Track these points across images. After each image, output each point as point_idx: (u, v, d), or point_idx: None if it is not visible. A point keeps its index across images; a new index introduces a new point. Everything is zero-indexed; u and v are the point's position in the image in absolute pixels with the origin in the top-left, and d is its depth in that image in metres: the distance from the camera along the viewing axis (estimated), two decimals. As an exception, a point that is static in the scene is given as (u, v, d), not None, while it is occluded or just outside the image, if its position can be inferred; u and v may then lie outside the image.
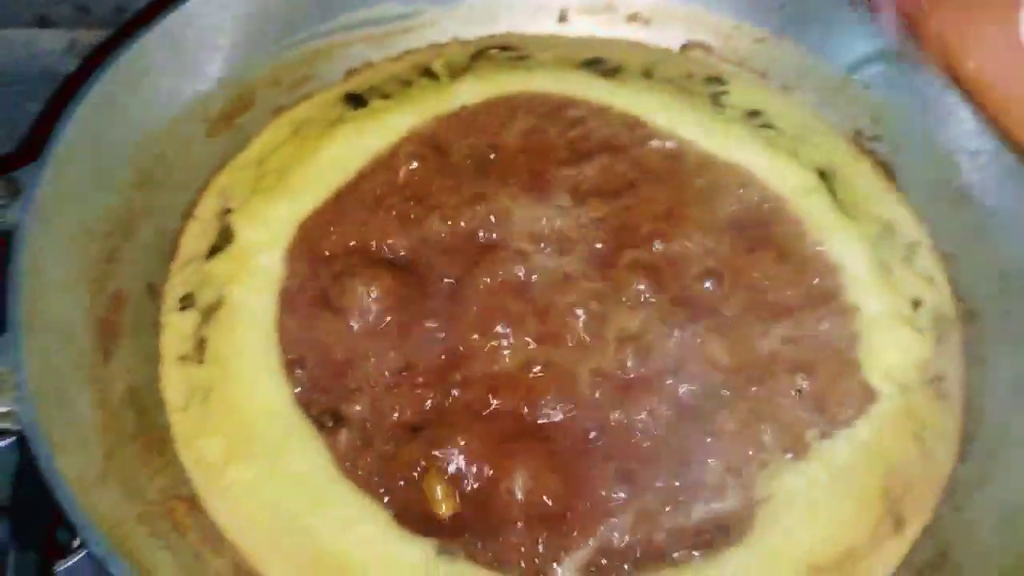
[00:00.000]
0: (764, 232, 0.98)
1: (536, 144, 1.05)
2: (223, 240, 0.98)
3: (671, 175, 1.04)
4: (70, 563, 0.90)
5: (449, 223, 0.97)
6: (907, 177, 1.07)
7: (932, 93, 1.03)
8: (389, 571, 0.79)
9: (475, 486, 0.82)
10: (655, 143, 1.06)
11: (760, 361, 0.89)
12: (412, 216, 0.98)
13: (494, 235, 0.96)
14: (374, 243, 0.97)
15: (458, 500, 0.81)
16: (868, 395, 0.89)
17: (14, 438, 0.90)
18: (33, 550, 0.85)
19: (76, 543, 0.96)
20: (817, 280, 0.95)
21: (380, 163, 1.04)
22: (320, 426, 0.86)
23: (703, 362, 0.89)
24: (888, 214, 1.04)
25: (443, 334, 0.90)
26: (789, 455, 0.85)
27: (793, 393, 0.88)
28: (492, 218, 0.97)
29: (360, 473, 0.83)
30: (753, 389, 0.88)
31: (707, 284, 0.94)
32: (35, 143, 0.88)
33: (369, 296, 0.91)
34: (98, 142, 0.92)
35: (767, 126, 1.12)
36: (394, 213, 0.99)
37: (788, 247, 0.97)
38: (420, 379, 0.88)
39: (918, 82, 1.04)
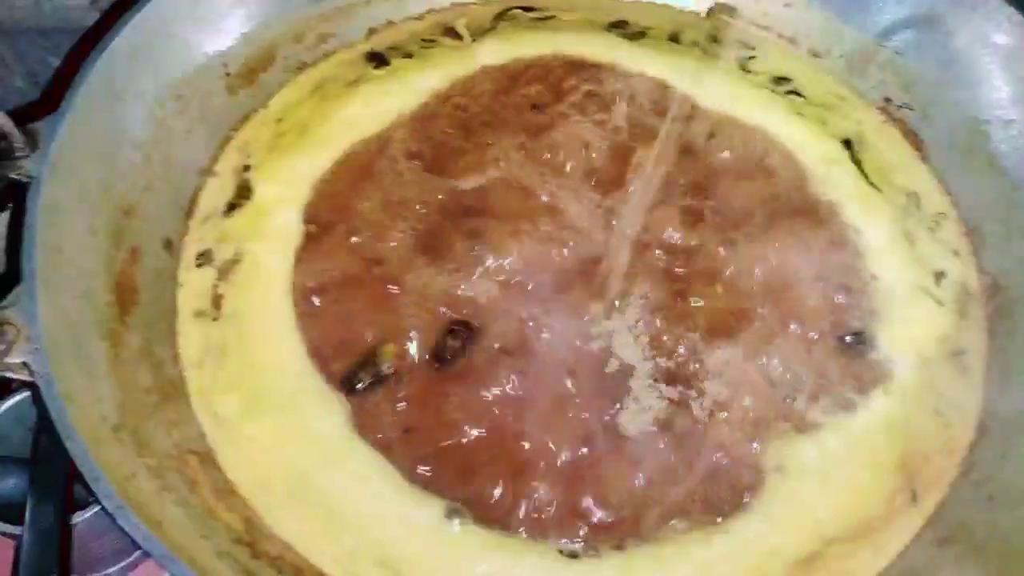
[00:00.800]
0: (784, 200, 0.96)
1: (558, 105, 1.03)
2: (241, 197, 0.98)
3: (693, 141, 1.02)
4: (87, 515, 0.92)
5: (469, 178, 0.96)
6: (936, 147, 1.05)
7: (964, 60, 1.01)
8: (401, 530, 0.79)
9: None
10: (678, 107, 1.04)
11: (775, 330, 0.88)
12: (432, 174, 0.97)
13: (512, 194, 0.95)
14: (394, 202, 0.96)
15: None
16: (887, 367, 0.87)
17: (28, 392, 0.91)
18: (51, 502, 0.86)
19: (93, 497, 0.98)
20: (837, 249, 0.93)
21: (401, 123, 1.03)
22: (336, 384, 0.85)
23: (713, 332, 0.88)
24: (914, 184, 1.03)
25: (464, 286, 0.90)
26: (803, 423, 0.84)
27: (809, 361, 0.86)
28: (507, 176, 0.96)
29: (375, 432, 0.83)
30: (764, 359, 0.86)
31: (721, 250, 0.92)
32: (56, 95, 0.87)
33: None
34: (118, 95, 0.91)
35: (794, 93, 1.10)
36: (414, 172, 0.98)
37: (808, 216, 0.95)
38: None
39: (950, 49, 1.01)
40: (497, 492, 0.80)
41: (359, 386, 0.85)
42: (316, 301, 0.90)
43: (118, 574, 1.06)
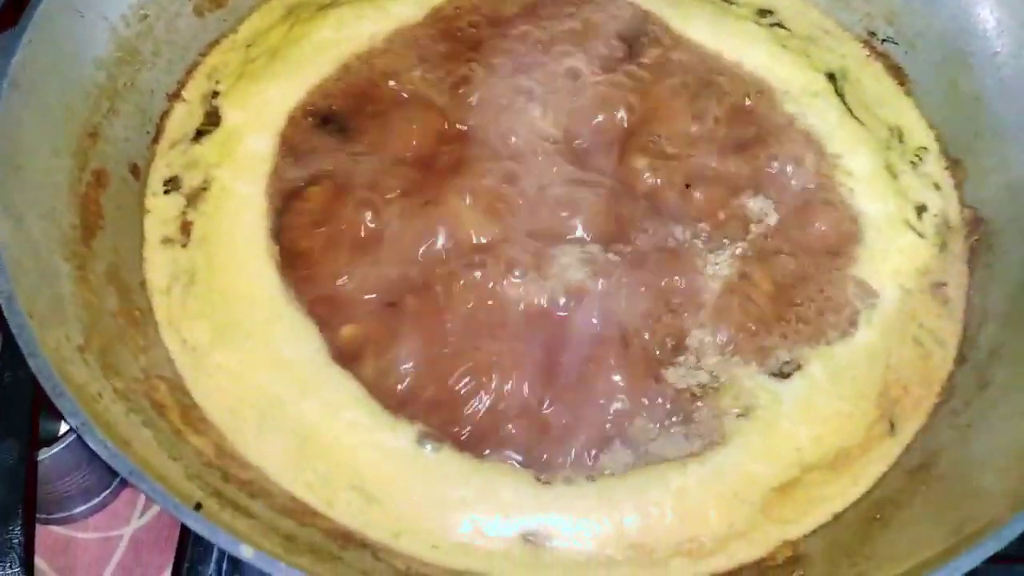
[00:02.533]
0: (763, 131, 0.95)
1: (537, 31, 1.01)
2: (210, 123, 0.95)
3: (675, 70, 1.00)
4: (54, 451, 0.90)
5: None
6: (920, 81, 1.04)
7: (951, -9, 0.99)
8: (376, 456, 0.78)
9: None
10: (659, 36, 1.02)
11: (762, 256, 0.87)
12: (407, 97, 0.94)
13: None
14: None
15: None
16: (868, 296, 0.87)
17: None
18: (15, 438, 0.83)
19: (61, 432, 0.96)
20: (817, 182, 0.92)
21: (376, 48, 1.00)
22: (309, 310, 0.83)
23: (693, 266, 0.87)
24: (897, 118, 1.02)
25: (444, 229, 0.87)
26: (784, 351, 0.84)
27: (793, 289, 0.86)
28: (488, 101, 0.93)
29: (350, 357, 0.81)
30: (754, 283, 0.85)
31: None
32: (15, 10, 0.84)
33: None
34: (80, 12, 0.88)
35: (778, 25, 1.08)
36: (389, 97, 0.95)
37: (790, 147, 0.94)
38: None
39: (937, -21, 1.00)
40: (472, 416, 0.79)
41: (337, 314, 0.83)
42: (290, 227, 0.88)
43: (84, 514, 1.05)
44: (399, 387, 0.81)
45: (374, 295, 0.84)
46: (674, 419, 0.81)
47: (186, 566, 0.92)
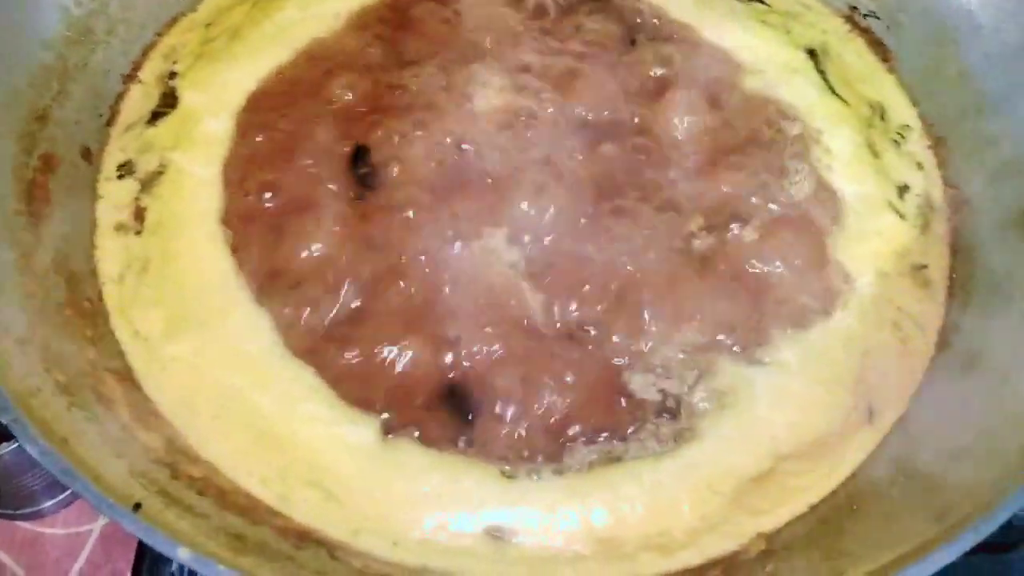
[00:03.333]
0: (742, 110, 0.92)
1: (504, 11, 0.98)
2: (166, 105, 0.92)
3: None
4: (13, 446, 0.87)
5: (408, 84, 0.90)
6: (902, 56, 1.01)
7: (934, -39, 0.96)
8: (335, 450, 0.76)
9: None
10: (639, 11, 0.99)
11: (732, 243, 0.84)
12: (371, 81, 0.91)
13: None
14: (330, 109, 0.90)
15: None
16: (845, 279, 0.84)
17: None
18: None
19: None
20: (797, 159, 0.89)
21: (339, 30, 0.97)
22: (266, 300, 0.80)
23: (669, 247, 0.83)
24: (880, 95, 0.99)
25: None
26: (760, 337, 0.81)
27: (767, 274, 0.83)
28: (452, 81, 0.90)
29: (307, 348, 0.78)
30: (723, 268, 0.82)
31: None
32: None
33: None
34: (27, -8, 0.85)
35: (759, 1, 1.05)
36: (352, 78, 0.92)
37: (767, 125, 0.91)
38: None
39: (919, -50, 0.96)
40: (432, 407, 0.76)
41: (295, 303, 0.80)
42: (247, 212, 0.85)
43: (52, 509, 1.02)
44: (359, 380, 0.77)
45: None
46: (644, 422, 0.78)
47: (147, 563, 0.90)
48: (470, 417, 0.76)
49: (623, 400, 0.77)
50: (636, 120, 0.90)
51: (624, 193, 0.85)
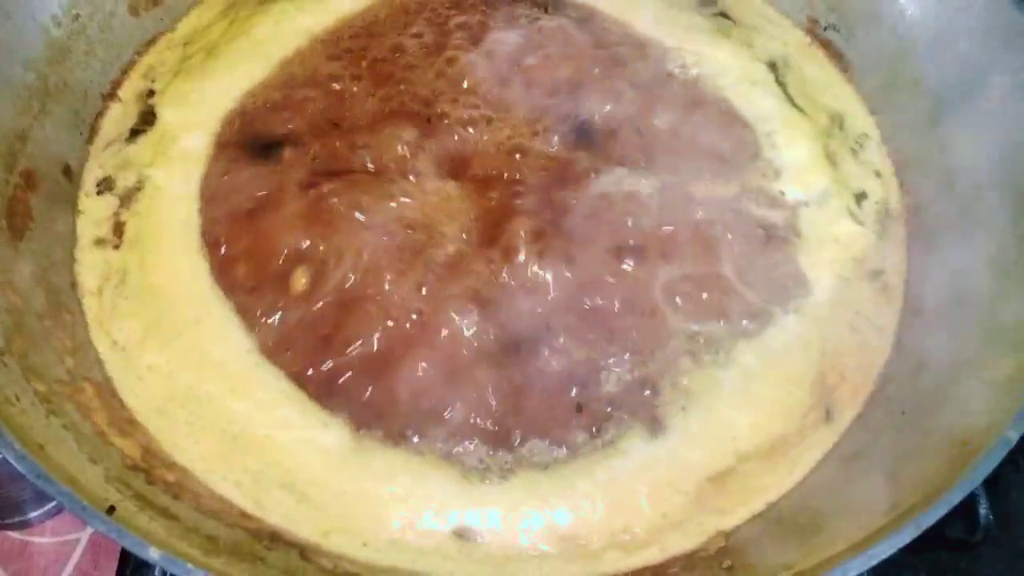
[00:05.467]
0: (704, 117, 0.94)
1: (478, 28, 1.00)
2: (145, 123, 0.95)
3: (615, 62, 0.99)
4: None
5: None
6: (861, 68, 1.03)
7: (889, -24, 0.99)
8: (307, 453, 0.78)
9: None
10: (604, 26, 1.01)
11: (692, 246, 0.86)
12: (346, 96, 0.94)
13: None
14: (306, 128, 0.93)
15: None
16: (803, 284, 0.87)
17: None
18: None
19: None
20: (754, 168, 0.92)
21: (314, 45, 0.99)
22: (240, 309, 0.83)
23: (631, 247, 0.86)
24: (838, 105, 1.01)
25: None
26: (719, 339, 0.84)
27: (725, 278, 0.85)
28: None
29: (279, 354, 0.81)
30: (684, 271, 0.85)
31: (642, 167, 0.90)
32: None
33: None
34: (6, 14, 0.87)
35: (722, 15, 1.07)
36: (329, 95, 0.95)
37: (727, 134, 0.93)
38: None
39: (875, -35, 0.99)
40: (401, 410, 0.78)
41: (269, 311, 0.82)
42: (222, 226, 0.87)
43: (40, 518, 1.04)
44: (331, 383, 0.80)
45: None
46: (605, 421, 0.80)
47: (130, 570, 0.91)
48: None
49: (579, 405, 0.79)
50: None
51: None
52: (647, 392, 0.81)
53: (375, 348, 0.80)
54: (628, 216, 0.86)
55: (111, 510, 0.62)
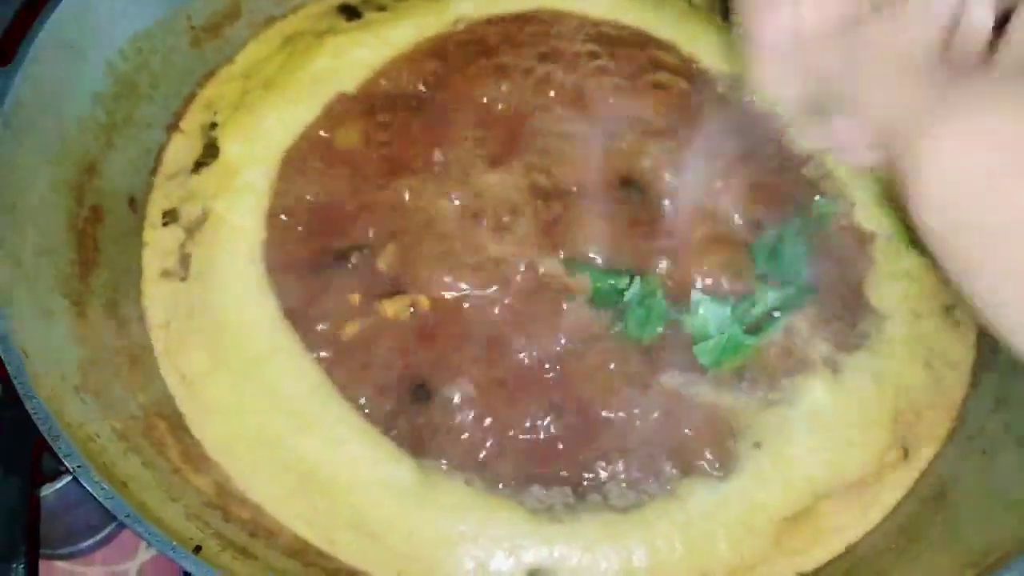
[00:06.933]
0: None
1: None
2: (208, 155, 0.94)
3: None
4: (57, 486, 0.89)
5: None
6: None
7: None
8: (376, 492, 0.77)
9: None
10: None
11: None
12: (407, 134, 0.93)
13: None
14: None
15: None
16: (877, 321, 0.85)
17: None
18: (17, 475, 0.82)
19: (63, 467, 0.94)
20: (823, 199, 0.91)
21: (374, 78, 0.99)
22: (308, 343, 0.82)
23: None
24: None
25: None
26: (794, 378, 0.82)
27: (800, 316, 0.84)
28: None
29: (351, 391, 0.80)
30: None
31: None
32: (8, 49, 0.83)
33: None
34: (74, 49, 0.87)
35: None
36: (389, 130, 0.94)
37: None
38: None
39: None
40: (474, 452, 0.78)
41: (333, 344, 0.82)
42: (291, 260, 0.87)
43: (91, 548, 1.03)
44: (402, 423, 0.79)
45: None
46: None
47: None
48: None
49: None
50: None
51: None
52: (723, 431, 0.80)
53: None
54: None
55: (197, 549, 0.61)
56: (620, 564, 0.75)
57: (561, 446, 0.79)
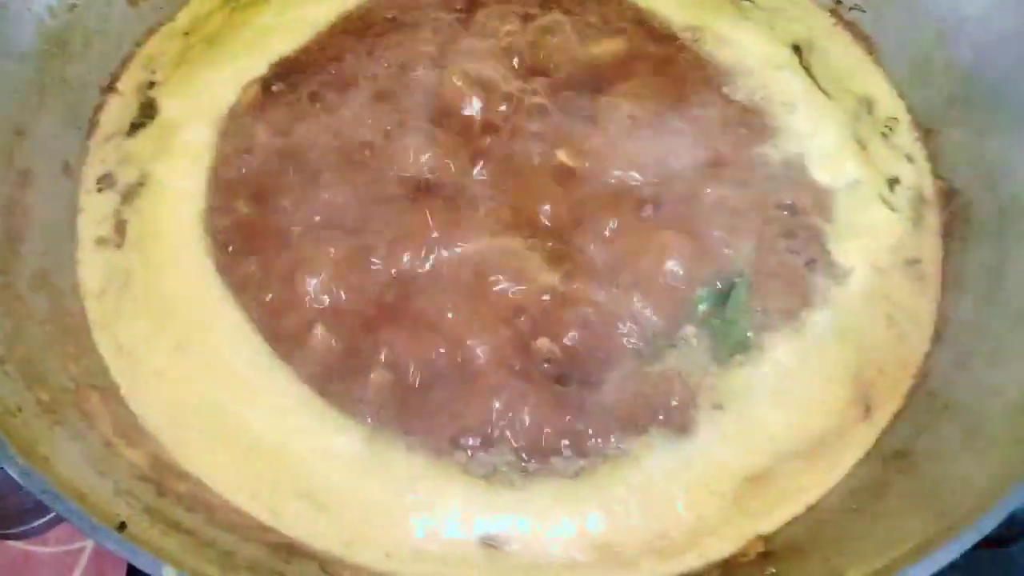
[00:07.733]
0: (729, 106, 0.91)
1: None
2: (145, 115, 0.91)
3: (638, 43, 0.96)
4: (2, 464, 0.86)
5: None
6: (888, 50, 1.00)
7: (917, -47, 0.95)
8: (324, 461, 0.74)
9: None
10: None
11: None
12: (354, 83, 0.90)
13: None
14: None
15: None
16: (838, 276, 0.83)
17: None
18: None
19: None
20: (783, 156, 0.88)
21: (319, 35, 0.96)
22: (251, 310, 0.79)
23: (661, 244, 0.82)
24: (866, 89, 0.98)
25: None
26: (755, 335, 0.80)
27: (758, 272, 0.82)
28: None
29: (294, 359, 0.77)
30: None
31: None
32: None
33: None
34: (1, 6, 0.83)
35: (747, -1, 1.04)
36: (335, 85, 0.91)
37: (753, 121, 0.90)
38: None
39: (903, -58, 0.96)
40: (422, 414, 0.75)
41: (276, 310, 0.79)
42: (231, 223, 0.83)
43: (44, 527, 1.01)
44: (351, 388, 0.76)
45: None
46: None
47: (138, 581, 0.88)
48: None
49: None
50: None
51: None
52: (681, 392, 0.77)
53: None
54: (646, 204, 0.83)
55: (122, 526, 0.58)
56: (575, 530, 0.73)
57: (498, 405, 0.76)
